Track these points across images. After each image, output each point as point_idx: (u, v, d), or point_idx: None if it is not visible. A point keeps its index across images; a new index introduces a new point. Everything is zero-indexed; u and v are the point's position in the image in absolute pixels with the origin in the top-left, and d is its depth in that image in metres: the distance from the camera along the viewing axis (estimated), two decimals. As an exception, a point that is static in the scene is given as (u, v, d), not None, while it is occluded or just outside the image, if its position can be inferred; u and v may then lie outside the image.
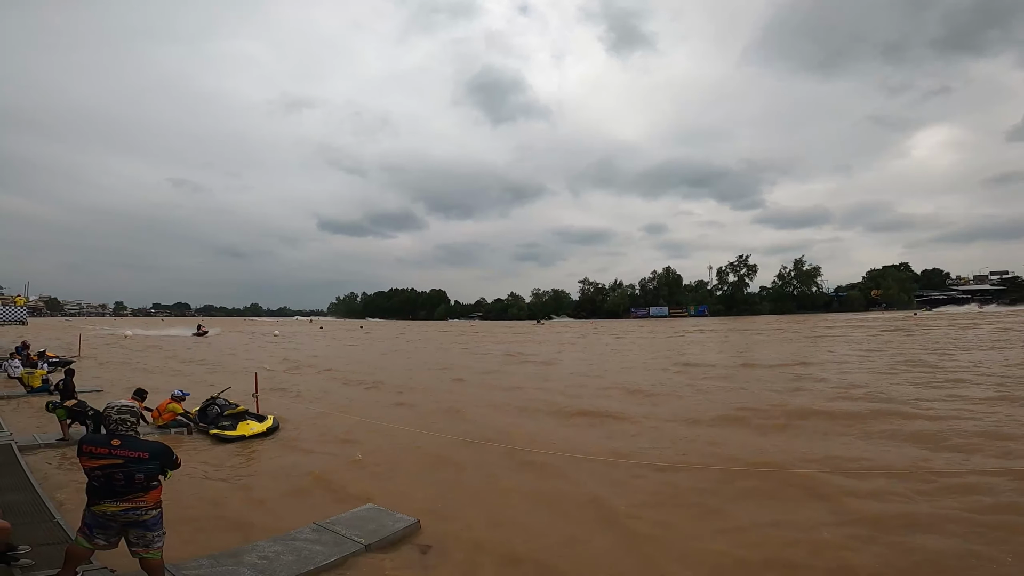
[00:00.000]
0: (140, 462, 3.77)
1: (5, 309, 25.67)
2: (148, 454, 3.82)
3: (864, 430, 9.48)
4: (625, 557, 5.04)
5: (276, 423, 10.66)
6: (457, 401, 14.09)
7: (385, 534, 5.23)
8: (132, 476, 3.75)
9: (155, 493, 3.89)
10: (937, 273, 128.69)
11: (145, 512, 3.83)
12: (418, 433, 10.18)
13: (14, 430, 9.41)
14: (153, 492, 3.87)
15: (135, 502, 3.79)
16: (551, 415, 12.03)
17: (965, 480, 6.71)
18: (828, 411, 11.15)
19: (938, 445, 8.36)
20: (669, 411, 12.04)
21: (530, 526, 5.78)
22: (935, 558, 4.74)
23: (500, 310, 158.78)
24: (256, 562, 4.51)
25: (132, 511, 3.79)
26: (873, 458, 7.78)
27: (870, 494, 6.34)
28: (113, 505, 3.77)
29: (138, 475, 3.77)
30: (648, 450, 8.72)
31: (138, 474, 3.77)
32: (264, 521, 5.86)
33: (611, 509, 6.19)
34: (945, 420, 10.00)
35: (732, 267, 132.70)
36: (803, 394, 13.59)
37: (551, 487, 7.03)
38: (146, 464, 3.79)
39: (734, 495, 6.56)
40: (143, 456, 3.79)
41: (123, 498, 3.77)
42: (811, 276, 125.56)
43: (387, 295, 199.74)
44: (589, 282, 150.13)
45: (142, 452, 3.80)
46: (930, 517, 5.61)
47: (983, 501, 6.00)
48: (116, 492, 3.76)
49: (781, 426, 10.16)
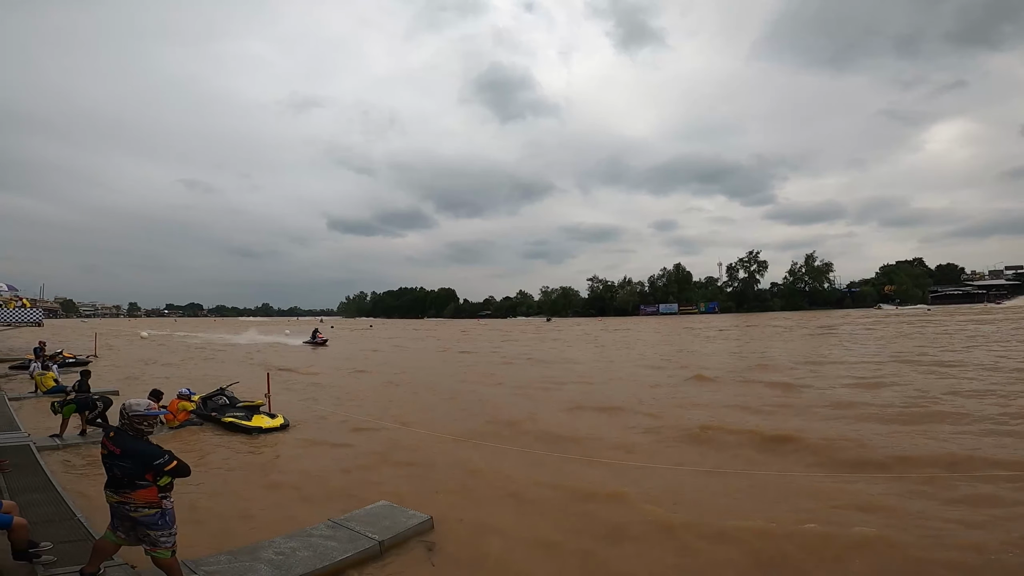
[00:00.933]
0: (114, 457, 3.87)
1: (21, 311, 26.03)
2: (120, 451, 3.87)
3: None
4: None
5: (287, 421, 10.78)
6: (479, 402, 14.11)
7: (399, 531, 5.26)
8: (112, 469, 3.89)
9: (143, 493, 3.85)
10: (952, 268, 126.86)
11: (135, 509, 3.85)
12: (432, 433, 10.21)
13: (32, 431, 9.55)
14: (141, 492, 3.85)
15: (124, 496, 3.87)
16: (563, 409, 12.04)
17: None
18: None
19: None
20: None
21: (546, 529, 5.74)
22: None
23: (509, 308, 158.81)
24: (273, 558, 4.55)
25: (124, 505, 3.88)
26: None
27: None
28: (112, 495, 3.93)
29: (115, 470, 3.86)
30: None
31: (115, 469, 3.86)
32: (280, 517, 5.93)
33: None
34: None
35: (742, 263, 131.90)
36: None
37: (570, 489, 6.96)
38: (119, 460, 3.85)
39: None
40: (115, 451, 3.87)
41: (116, 491, 3.90)
42: (823, 272, 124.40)
43: (396, 294, 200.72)
44: (598, 279, 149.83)
45: (116, 448, 3.88)
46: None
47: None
48: (113, 483, 3.91)
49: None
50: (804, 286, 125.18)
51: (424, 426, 10.66)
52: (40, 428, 9.86)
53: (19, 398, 13.86)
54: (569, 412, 12.03)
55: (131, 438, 3.95)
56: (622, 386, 15.95)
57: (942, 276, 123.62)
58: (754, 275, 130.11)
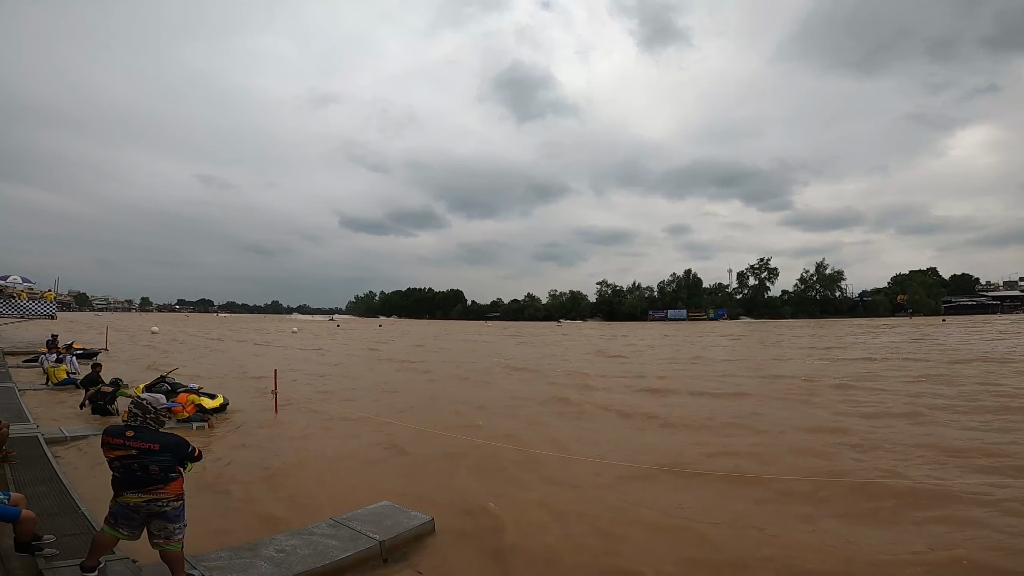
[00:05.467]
0: (151, 453, 3.84)
1: (35, 304, 26.36)
2: (159, 446, 3.87)
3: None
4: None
5: (227, 400, 11.42)
6: (483, 406, 14.08)
7: (400, 531, 5.23)
8: (147, 467, 3.83)
9: (175, 485, 3.95)
10: (967, 278, 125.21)
11: (166, 503, 3.89)
12: (436, 432, 10.18)
13: (40, 423, 9.64)
14: (172, 484, 3.93)
15: (156, 493, 3.86)
16: (571, 412, 11.97)
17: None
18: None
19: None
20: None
21: (547, 530, 5.70)
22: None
23: (516, 311, 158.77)
24: (273, 555, 4.54)
25: (154, 502, 3.86)
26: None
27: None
28: (135, 496, 3.85)
29: (152, 466, 3.83)
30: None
31: (152, 465, 3.83)
32: (282, 514, 5.94)
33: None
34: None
35: (753, 270, 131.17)
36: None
37: (569, 490, 6.95)
38: (157, 456, 3.85)
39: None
40: (153, 448, 3.85)
41: (144, 489, 3.85)
42: (834, 280, 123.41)
43: (404, 294, 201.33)
44: (607, 284, 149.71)
45: (152, 444, 3.86)
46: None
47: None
48: (136, 483, 3.84)
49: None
50: (815, 294, 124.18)
51: (430, 425, 10.64)
52: (47, 420, 9.95)
53: (29, 389, 14.02)
54: (577, 419, 11.96)
55: (160, 433, 3.99)
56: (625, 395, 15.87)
57: (956, 286, 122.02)
58: (764, 282, 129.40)
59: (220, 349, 33.12)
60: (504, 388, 16.78)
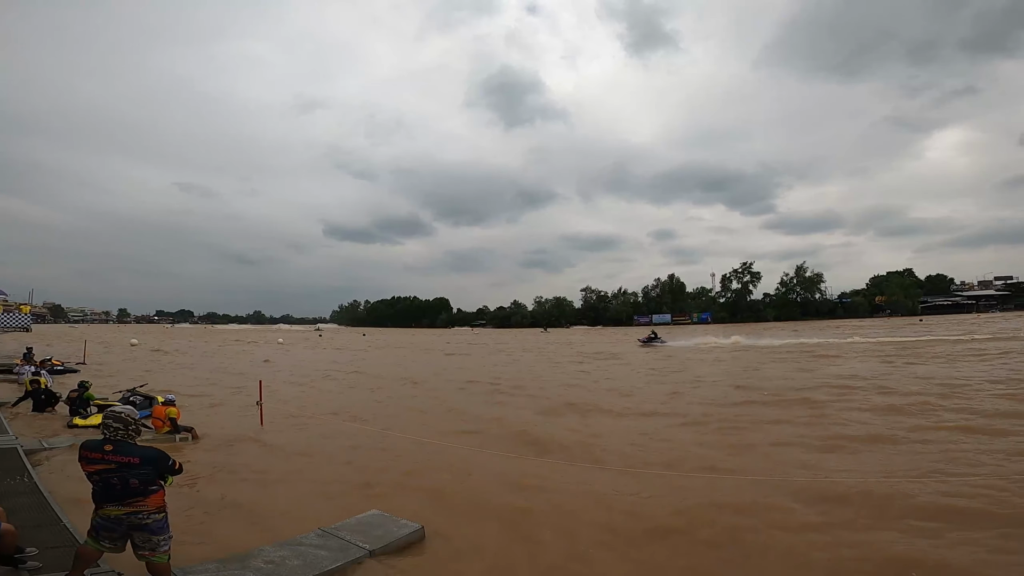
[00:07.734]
0: (131, 467, 3.81)
1: (9, 316, 25.78)
2: (139, 459, 3.84)
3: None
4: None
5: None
6: (470, 410, 14.07)
7: (390, 540, 5.22)
8: (127, 480, 3.80)
9: (155, 497, 3.91)
10: (941, 279, 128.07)
11: (147, 516, 3.86)
12: (427, 440, 10.17)
13: (19, 434, 9.44)
14: (153, 496, 3.90)
15: (135, 506, 3.83)
16: (553, 407, 12.02)
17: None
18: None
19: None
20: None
21: (538, 539, 5.70)
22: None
23: (502, 318, 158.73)
24: (262, 567, 4.51)
25: (134, 515, 3.83)
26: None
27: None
28: (115, 508, 3.83)
29: (132, 480, 3.81)
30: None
31: (132, 479, 3.80)
32: (270, 525, 5.87)
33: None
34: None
35: (736, 274, 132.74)
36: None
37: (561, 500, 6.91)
38: (138, 469, 3.82)
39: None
40: (133, 461, 3.82)
41: (123, 502, 3.82)
42: (814, 282, 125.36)
43: (390, 303, 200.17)
44: (592, 290, 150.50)
45: (132, 457, 3.83)
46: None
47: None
48: (116, 496, 3.82)
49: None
50: (796, 296, 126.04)
51: (418, 434, 10.61)
52: (26, 432, 9.74)
53: (6, 403, 13.68)
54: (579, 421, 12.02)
55: (140, 446, 3.96)
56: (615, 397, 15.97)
57: (932, 286, 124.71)
58: (747, 286, 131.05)
59: (201, 364, 32.62)
60: (502, 403, 16.76)
